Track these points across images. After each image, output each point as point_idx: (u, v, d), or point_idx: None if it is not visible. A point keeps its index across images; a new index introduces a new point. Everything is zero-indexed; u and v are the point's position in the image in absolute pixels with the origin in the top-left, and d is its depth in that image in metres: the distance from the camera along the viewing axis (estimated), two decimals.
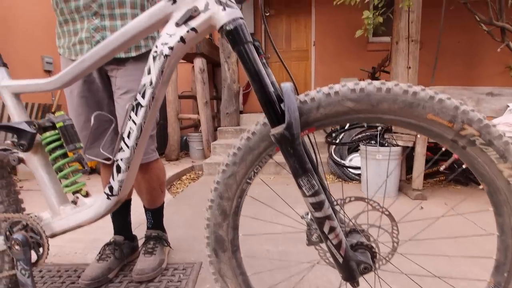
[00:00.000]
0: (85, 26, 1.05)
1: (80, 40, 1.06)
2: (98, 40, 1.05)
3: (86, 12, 1.03)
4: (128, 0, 1.05)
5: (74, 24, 1.06)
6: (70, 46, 1.09)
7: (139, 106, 0.70)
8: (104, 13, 1.04)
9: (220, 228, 0.72)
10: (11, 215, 0.80)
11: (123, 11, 1.05)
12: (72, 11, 1.04)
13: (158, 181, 1.28)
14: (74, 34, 1.07)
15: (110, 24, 1.05)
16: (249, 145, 0.66)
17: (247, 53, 0.58)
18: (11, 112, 0.79)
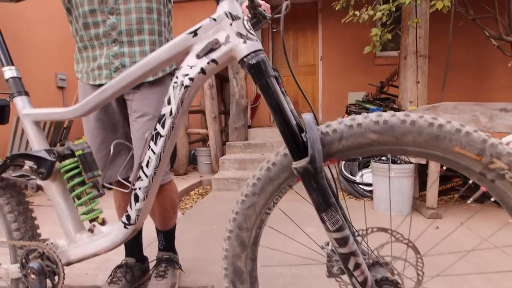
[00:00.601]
0: (104, 52, 1.07)
1: (99, 66, 1.08)
2: (117, 66, 1.07)
3: (105, 39, 1.06)
4: (146, 27, 1.07)
5: (93, 50, 1.09)
6: (88, 71, 1.11)
7: (158, 135, 0.70)
8: (123, 40, 1.06)
9: (238, 260, 0.70)
10: (28, 243, 0.80)
11: (141, 38, 1.07)
12: (92, 38, 1.06)
13: (171, 203, 1.28)
14: (93, 60, 1.09)
15: (129, 51, 1.07)
16: (269, 176, 0.65)
17: (270, 87, 0.58)
18: (31, 140, 0.80)
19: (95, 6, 1.03)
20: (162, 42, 1.14)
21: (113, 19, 1.04)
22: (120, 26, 1.05)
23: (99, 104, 0.74)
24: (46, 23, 3.61)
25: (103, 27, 1.05)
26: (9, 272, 0.83)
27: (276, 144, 3.53)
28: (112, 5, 1.03)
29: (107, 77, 1.09)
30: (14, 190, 0.85)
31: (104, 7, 1.03)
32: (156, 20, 1.10)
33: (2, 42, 0.82)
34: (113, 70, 1.08)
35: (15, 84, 0.81)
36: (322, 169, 0.57)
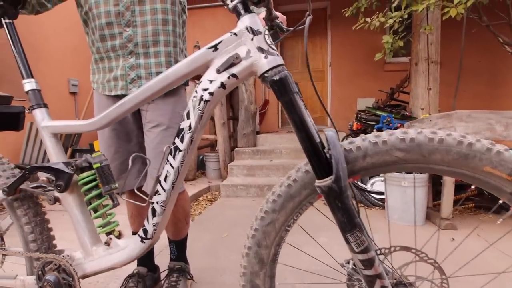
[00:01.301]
0: (120, 64, 1.08)
1: (115, 77, 1.09)
2: (133, 78, 1.08)
3: (121, 51, 1.06)
4: (162, 39, 1.08)
5: (110, 61, 1.09)
6: (104, 82, 1.12)
7: (177, 150, 0.69)
8: (139, 51, 1.06)
9: (257, 277, 0.69)
10: (45, 255, 0.80)
11: (157, 50, 1.08)
12: (108, 49, 1.07)
13: (183, 213, 1.27)
14: (109, 71, 1.10)
15: (144, 62, 1.08)
16: (290, 193, 0.64)
17: (294, 104, 0.57)
18: (50, 152, 0.80)
19: (112, 19, 1.04)
20: (177, 53, 1.15)
21: (129, 31, 1.05)
22: (136, 38, 1.06)
23: (117, 118, 0.74)
24: (60, 31, 3.68)
25: (119, 39, 1.06)
26: (25, 284, 0.83)
27: (284, 150, 3.51)
28: (129, 18, 1.04)
29: (123, 88, 1.10)
30: (31, 202, 0.85)
31: (121, 19, 1.04)
32: (171, 32, 1.10)
33: (23, 55, 0.83)
34: (129, 82, 1.08)
35: (35, 96, 0.82)
36: (347, 188, 0.55)
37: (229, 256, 1.70)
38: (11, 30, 0.83)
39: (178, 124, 1.16)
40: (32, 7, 1.02)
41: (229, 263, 1.61)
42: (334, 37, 4.66)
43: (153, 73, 1.10)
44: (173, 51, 1.13)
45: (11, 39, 0.83)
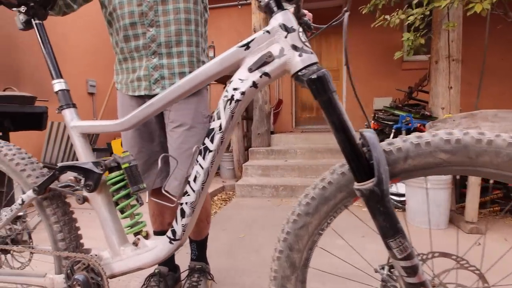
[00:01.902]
0: (144, 64, 1.08)
1: (139, 77, 1.09)
2: (157, 78, 1.08)
3: (145, 51, 1.06)
4: (184, 39, 1.07)
5: (133, 62, 1.10)
6: (128, 83, 1.12)
7: (207, 150, 0.68)
8: (162, 52, 1.06)
9: (288, 282, 0.67)
10: (74, 255, 0.80)
11: (179, 49, 1.07)
12: (132, 50, 1.07)
13: (205, 213, 1.26)
14: (132, 71, 1.11)
15: (167, 62, 1.07)
16: (325, 195, 0.62)
17: (332, 103, 0.55)
18: (79, 152, 0.81)
19: (135, 19, 1.04)
20: (199, 52, 1.14)
21: (152, 31, 1.05)
22: (159, 38, 1.06)
23: (146, 118, 0.73)
24: (78, 32, 3.76)
25: (143, 39, 1.06)
26: (54, 283, 0.84)
27: (299, 150, 3.48)
28: (152, 17, 1.04)
29: (146, 88, 1.10)
30: (59, 201, 0.86)
31: (144, 19, 1.04)
32: (194, 31, 1.10)
33: (52, 56, 0.84)
34: (153, 82, 1.09)
35: (64, 96, 0.82)
36: (389, 192, 0.53)
37: (248, 257, 1.69)
38: (41, 31, 0.84)
39: (200, 124, 1.16)
40: (59, 8, 1.03)
41: (248, 264, 1.60)
42: (349, 35, 4.59)
43: (176, 73, 1.10)
44: (195, 51, 1.12)
45: (41, 39, 0.83)
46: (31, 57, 3.19)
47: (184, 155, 1.11)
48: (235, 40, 4.87)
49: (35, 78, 3.17)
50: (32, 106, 1.96)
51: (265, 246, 1.83)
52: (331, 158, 3.33)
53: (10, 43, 2.98)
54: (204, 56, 1.19)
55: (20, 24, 0.84)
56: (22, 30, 0.86)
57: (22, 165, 0.84)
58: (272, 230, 2.10)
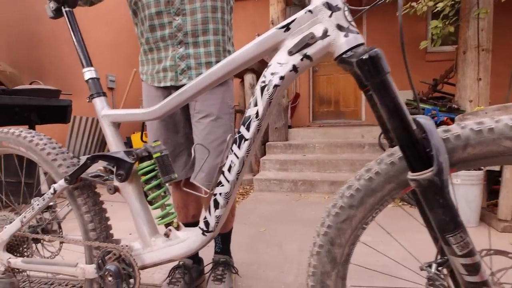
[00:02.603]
0: (170, 54, 1.06)
1: (164, 68, 1.07)
2: (183, 69, 1.06)
3: (171, 41, 1.04)
4: (211, 27, 1.04)
5: (159, 52, 1.08)
6: (153, 74, 1.10)
7: (242, 139, 0.65)
8: (189, 41, 1.04)
9: (328, 278, 0.64)
10: (105, 245, 0.79)
11: (206, 38, 1.05)
12: (158, 40, 1.05)
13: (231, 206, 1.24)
14: (158, 62, 1.09)
15: (194, 52, 1.05)
16: (371, 187, 0.58)
17: (386, 86, 0.51)
18: (109, 141, 0.79)
19: (161, 8, 1.02)
20: (225, 41, 1.11)
21: (179, 20, 1.02)
22: (186, 27, 1.03)
23: (178, 106, 0.71)
24: (98, 27, 3.80)
25: (169, 29, 1.03)
26: (85, 272, 0.84)
27: (318, 145, 3.41)
28: (178, 6, 1.01)
29: (172, 79, 1.08)
30: (90, 191, 0.85)
31: (170, 8, 1.01)
32: (220, 19, 1.07)
33: (83, 44, 0.82)
34: (179, 72, 1.07)
35: (94, 85, 0.81)
36: (448, 182, 0.48)
37: (270, 252, 1.66)
38: (71, 18, 0.83)
39: (227, 115, 1.13)
40: None
41: (270, 259, 1.58)
42: (369, 25, 4.44)
43: (203, 63, 1.07)
44: (221, 40, 1.09)
45: (71, 27, 0.82)
46: (53, 52, 3.26)
47: (210, 146, 1.09)
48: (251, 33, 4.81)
49: (57, 72, 3.24)
50: (57, 99, 1.99)
51: (287, 241, 1.80)
52: (351, 153, 3.25)
53: (32, 38, 3.05)
54: (229, 45, 1.16)
55: (50, 12, 0.84)
56: (52, 18, 0.85)
57: (53, 154, 0.84)
58: (293, 225, 2.07)
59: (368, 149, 3.21)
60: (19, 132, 0.87)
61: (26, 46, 2.97)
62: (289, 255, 1.61)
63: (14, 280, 0.99)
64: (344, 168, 3.02)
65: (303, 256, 1.59)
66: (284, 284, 1.33)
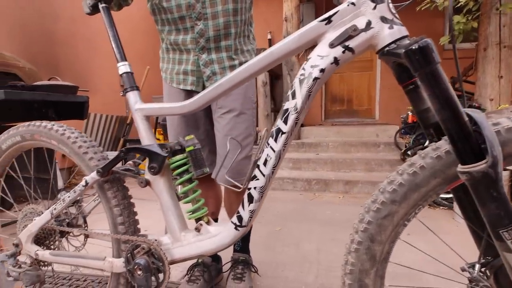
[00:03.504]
0: (191, 58, 1.06)
1: (185, 71, 1.07)
2: (209, 75, 1.06)
3: (192, 46, 1.04)
4: (233, 31, 1.04)
5: (180, 54, 1.08)
6: (173, 74, 1.11)
7: (279, 132, 0.64)
8: (211, 46, 1.04)
9: (367, 276, 0.62)
10: (134, 238, 0.79)
11: (228, 43, 1.05)
12: (179, 43, 1.05)
13: None
14: (178, 63, 1.09)
15: (217, 57, 1.05)
16: (415, 182, 0.56)
17: (437, 76, 0.49)
18: (142, 135, 0.79)
19: (183, 13, 1.00)
20: (245, 42, 1.12)
21: (200, 25, 1.01)
22: (208, 33, 1.02)
23: (213, 99, 0.70)
24: None
25: (191, 34, 1.03)
26: (114, 266, 0.84)
27: (332, 144, 3.38)
28: (199, 10, 1.00)
29: (193, 83, 1.09)
30: (119, 184, 0.85)
31: (192, 12, 1.00)
32: (240, 22, 1.06)
33: (117, 39, 0.83)
34: (205, 79, 1.07)
35: (128, 79, 0.81)
36: (502, 175, 0.46)
37: (287, 251, 1.65)
38: (107, 14, 0.83)
39: (250, 110, 1.13)
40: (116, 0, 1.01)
41: (288, 258, 1.56)
42: None
43: (227, 67, 1.07)
44: (242, 41, 1.10)
45: (107, 23, 0.83)
46: (69, 50, 3.30)
47: (233, 143, 1.08)
48: (263, 30, 4.80)
49: (73, 69, 3.29)
50: (74, 95, 2.02)
51: (304, 240, 1.79)
52: (366, 152, 3.21)
53: (49, 36, 3.10)
54: (248, 43, 1.14)
55: (87, 8, 0.85)
56: (89, 14, 0.86)
57: (85, 147, 0.84)
58: (309, 224, 2.05)
59: (383, 148, 3.17)
60: (51, 126, 0.88)
61: (43, 44, 3.02)
62: (307, 255, 1.59)
63: (41, 272, 1.00)
64: (359, 168, 2.99)
65: (322, 256, 1.57)
66: (305, 284, 1.32)
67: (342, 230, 1.92)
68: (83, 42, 3.45)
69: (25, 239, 0.94)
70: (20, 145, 0.96)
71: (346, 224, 2.02)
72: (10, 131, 0.96)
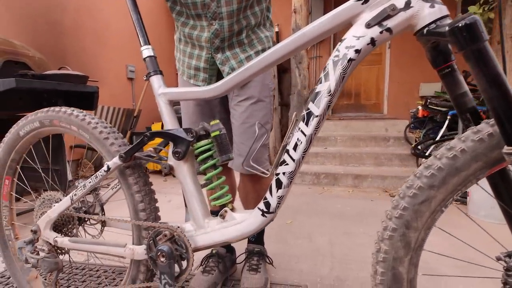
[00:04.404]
0: (203, 55, 1.04)
1: (197, 67, 1.06)
2: (228, 72, 1.05)
3: (206, 44, 1.02)
4: (247, 26, 1.03)
5: (193, 48, 1.06)
6: (185, 68, 1.10)
7: (311, 115, 0.62)
8: (225, 45, 1.03)
9: (400, 264, 0.60)
10: (157, 225, 0.78)
11: (240, 38, 1.04)
12: (193, 38, 1.04)
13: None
14: (189, 56, 1.07)
15: (231, 53, 1.04)
16: (456, 166, 0.54)
17: (485, 53, 0.47)
18: (165, 119, 0.78)
19: (199, 11, 0.99)
20: (261, 30, 1.09)
21: (216, 25, 0.99)
22: (223, 33, 1.00)
23: (241, 82, 0.69)
24: (118, 18, 3.82)
25: (207, 33, 1.01)
26: (135, 253, 0.83)
27: (340, 138, 3.35)
28: (214, 9, 0.97)
29: (205, 80, 1.08)
30: (140, 170, 0.84)
31: (207, 11, 0.98)
32: (255, 14, 1.04)
33: (141, 23, 0.81)
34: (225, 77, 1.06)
35: (152, 63, 0.79)
36: None
37: (300, 244, 1.64)
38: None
39: (267, 98, 1.11)
40: None
41: (301, 251, 1.55)
42: None
43: (243, 59, 1.06)
44: (257, 31, 1.07)
45: (131, 6, 0.81)
46: (76, 42, 3.28)
47: (250, 131, 1.07)
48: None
49: (80, 61, 3.27)
50: (84, 85, 2.00)
51: (315, 233, 1.78)
52: (375, 146, 3.19)
53: (56, 29, 3.08)
54: (265, 29, 1.10)
55: None
56: None
57: (105, 133, 0.83)
58: (319, 218, 2.04)
59: (393, 143, 3.14)
60: (71, 111, 0.86)
61: (50, 35, 3.00)
62: (320, 248, 1.58)
63: (59, 260, 0.99)
64: (368, 162, 2.96)
65: (335, 249, 1.56)
66: (320, 277, 1.31)
67: (354, 223, 1.91)
68: (90, 34, 3.43)
69: (44, 226, 0.93)
70: (39, 131, 0.95)
71: (357, 218, 2.01)
72: (28, 117, 0.95)
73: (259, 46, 1.07)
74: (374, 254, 0.64)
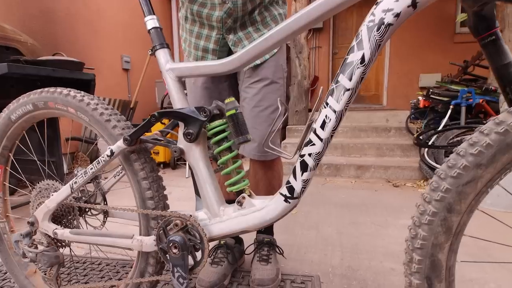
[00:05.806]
0: (213, 36, 0.98)
1: (205, 48, 1.00)
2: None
3: (217, 24, 0.96)
4: (260, 5, 0.97)
5: (201, 27, 0.99)
6: (192, 49, 1.03)
7: (342, 89, 0.56)
8: (237, 26, 0.96)
9: (440, 251, 0.55)
10: (168, 213, 0.72)
11: (252, 17, 0.98)
12: (202, 17, 0.96)
13: (278, 180, 1.16)
14: (196, 36, 1.00)
15: (244, 34, 0.98)
16: (506, 141, 0.49)
17: None
18: (173, 98, 0.71)
19: None
20: (273, 7, 1.02)
21: (229, 4, 0.92)
22: (237, 13, 0.93)
23: (260, 54, 0.62)
24: (113, 7, 3.68)
25: (218, 11, 0.93)
26: (143, 245, 0.77)
27: (341, 129, 3.30)
28: None
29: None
30: (147, 155, 0.77)
31: None
32: None
33: None
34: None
35: (157, 35, 0.72)
36: None
37: (307, 234, 1.60)
38: None
39: (281, 79, 1.04)
40: None
41: (309, 241, 1.51)
42: None
43: (255, 38, 0.99)
44: (270, 8, 1.01)
45: None
46: (68, 30, 3.16)
47: (263, 114, 1.01)
48: None
49: (73, 50, 3.14)
50: (80, 72, 1.91)
51: (322, 223, 1.73)
52: (376, 137, 3.15)
53: (49, 16, 2.96)
54: (278, 8, 1.04)
55: None
56: None
57: (107, 115, 0.76)
58: (325, 208, 2.00)
59: (394, 133, 3.10)
60: (68, 91, 0.79)
61: (42, 22, 2.88)
62: (328, 238, 1.54)
63: (59, 253, 0.92)
64: (370, 153, 2.92)
65: (343, 238, 1.52)
66: (331, 266, 1.27)
67: (360, 213, 1.87)
68: (83, 23, 3.30)
69: (42, 217, 0.86)
70: (32, 115, 0.87)
71: (362, 208, 1.97)
72: (20, 100, 0.87)
73: (272, 24, 1.00)
74: (408, 241, 0.58)
